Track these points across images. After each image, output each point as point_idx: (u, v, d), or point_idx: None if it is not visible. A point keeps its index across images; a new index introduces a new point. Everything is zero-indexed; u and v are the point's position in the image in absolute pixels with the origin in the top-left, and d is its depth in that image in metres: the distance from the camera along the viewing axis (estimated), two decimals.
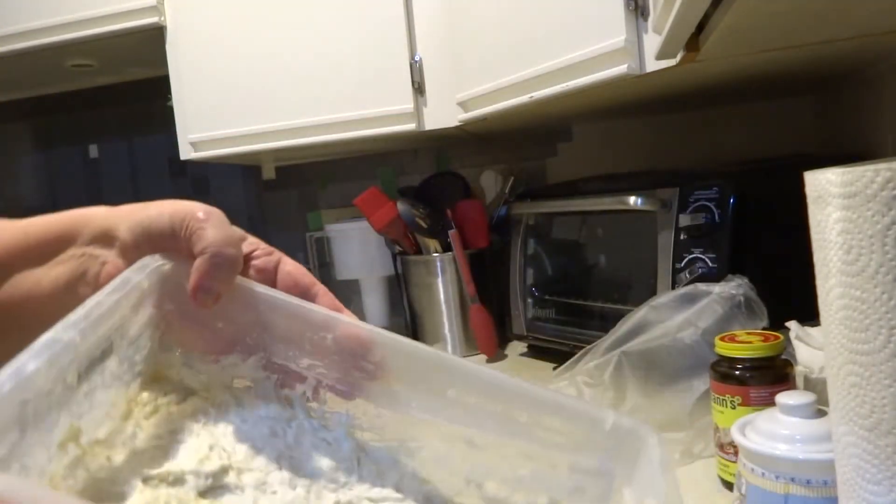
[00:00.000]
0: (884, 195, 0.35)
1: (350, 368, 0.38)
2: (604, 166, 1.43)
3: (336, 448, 0.38)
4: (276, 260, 0.40)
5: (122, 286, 0.34)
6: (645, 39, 0.87)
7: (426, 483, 0.39)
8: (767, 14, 0.62)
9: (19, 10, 1.42)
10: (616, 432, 0.36)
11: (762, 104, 1.42)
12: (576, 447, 0.37)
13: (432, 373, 0.39)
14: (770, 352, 0.67)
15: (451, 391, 0.38)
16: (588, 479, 0.37)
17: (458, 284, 1.34)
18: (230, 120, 1.37)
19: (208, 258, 0.36)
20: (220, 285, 0.37)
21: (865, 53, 0.90)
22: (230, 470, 0.34)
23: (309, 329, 0.38)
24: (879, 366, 0.36)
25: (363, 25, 1.29)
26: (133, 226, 0.38)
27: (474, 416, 0.38)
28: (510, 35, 1.09)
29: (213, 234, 0.37)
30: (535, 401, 0.38)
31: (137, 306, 0.35)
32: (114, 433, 0.33)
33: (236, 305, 0.37)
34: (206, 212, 0.38)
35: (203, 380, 0.39)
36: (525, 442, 0.38)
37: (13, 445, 0.26)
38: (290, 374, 0.39)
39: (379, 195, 1.35)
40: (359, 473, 0.37)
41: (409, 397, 0.39)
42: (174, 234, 0.37)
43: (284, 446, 0.37)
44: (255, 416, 0.38)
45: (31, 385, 0.26)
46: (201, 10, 1.37)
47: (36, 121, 1.97)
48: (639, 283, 1.04)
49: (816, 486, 0.51)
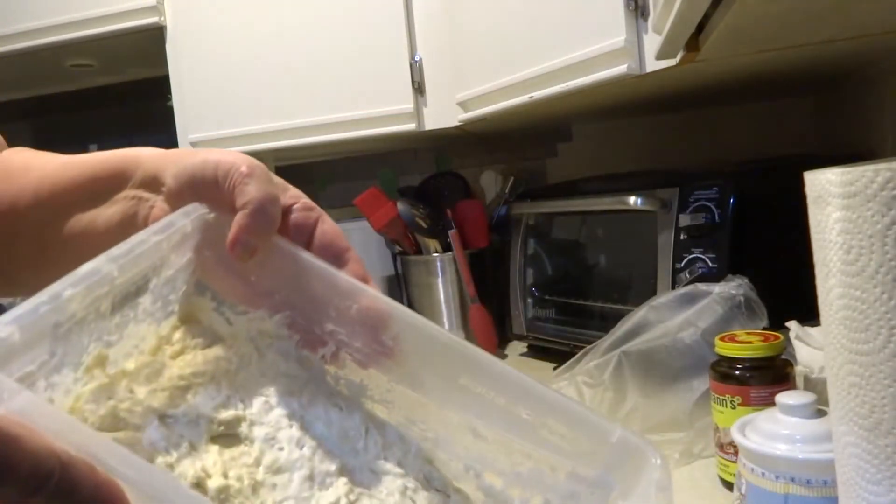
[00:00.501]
0: (884, 195, 0.35)
1: (369, 340, 0.38)
2: (604, 166, 1.43)
3: (347, 415, 0.38)
4: (315, 217, 0.40)
5: (165, 228, 0.35)
6: (645, 39, 0.88)
7: (428, 463, 0.39)
8: (767, 14, 0.62)
9: (19, 10, 1.42)
10: (621, 446, 0.36)
11: (762, 104, 1.42)
12: (577, 454, 0.37)
13: (447, 356, 0.39)
14: (770, 352, 0.67)
15: (462, 378, 0.38)
16: (584, 488, 0.37)
17: (458, 284, 1.34)
18: (230, 120, 1.37)
19: (248, 214, 0.37)
20: (258, 241, 0.37)
21: (865, 53, 0.90)
22: (243, 421, 0.35)
23: (336, 295, 0.38)
24: (879, 366, 0.36)
25: (363, 25, 1.29)
26: (179, 172, 0.39)
27: (481, 406, 0.38)
28: (510, 35, 1.09)
29: (255, 189, 0.37)
30: (543, 401, 0.38)
31: (178, 248, 0.36)
32: (141, 366, 0.34)
33: (271, 262, 0.38)
34: (250, 166, 0.38)
35: (231, 329, 0.39)
36: (528, 441, 0.38)
37: (42, 364, 0.28)
38: (313, 336, 0.39)
39: (379, 195, 1.35)
40: (365, 443, 0.38)
41: (422, 377, 0.39)
42: (218, 185, 0.38)
43: (298, 405, 0.37)
44: (274, 372, 0.38)
45: (66, 309, 0.28)
46: (201, 10, 1.37)
47: (36, 121, 1.97)
48: (639, 283, 1.04)
49: (816, 486, 0.51)
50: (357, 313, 0.38)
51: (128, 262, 0.32)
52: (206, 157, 0.39)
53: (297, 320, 0.39)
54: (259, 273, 0.39)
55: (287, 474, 0.34)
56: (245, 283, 0.39)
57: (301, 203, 0.40)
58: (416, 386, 0.39)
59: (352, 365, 0.39)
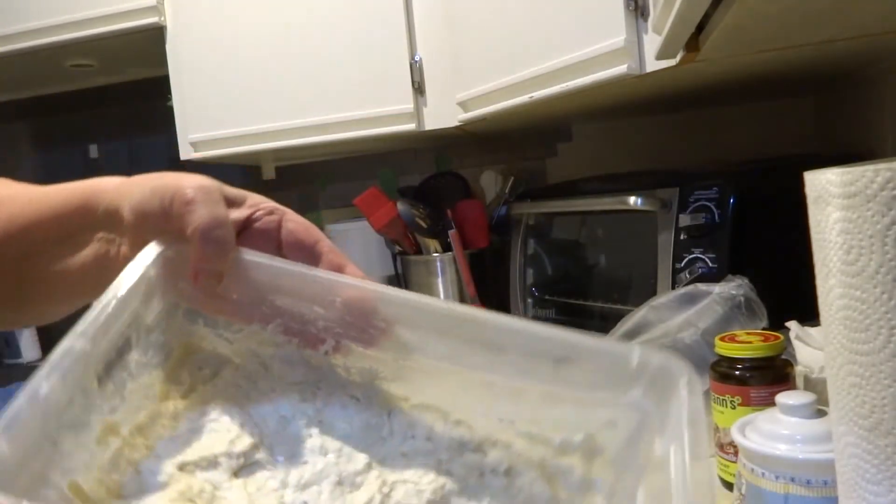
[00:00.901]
0: (884, 195, 0.35)
1: (362, 327, 0.38)
2: (604, 166, 1.43)
3: (366, 405, 0.38)
4: (277, 220, 0.40)
5: (128, 280, 0.34)
6: (645, 39, 0.87)
7: (457, 427, 0.38)
8: (767, 14, 0.62)
9: (19, 10, 1.42)
10: (643, 366, 0.35)
11: (762, 104, 1.42)
12: (604, 385, 0.36)
13: (444, 322, 0.38)
14: (770, 352, 0.67)
15: (469, 339, 0.38)
16: (621, 414, 0.36)
17: (458, 284, 1.34)
18: (230, 120, 1.37)
19: (198, 243, 0.36)
20: (217, 266, 0.37)
21: (865, 53, 0.90)
22: (261, 446, 0.35)
23: (317, 293, 0.38)
24: (879, 366, 0.36)
25: (363, 25, 1.29)
26: (133, 206, 0.38)
27: (492, 361, 0.38)
28: (510, 35, 1.09)
29: (198, 216, 0.36)
30: (554, 342, 0.37)
31: (150, 296, 0.36)
32: (153, 416, 0.34)
33: (245, 277, 0.38)
34: (195, 189, 0.37)
35: (233, 347, 0.39)
36: (551, 384, 0.38)
37: (48, 459, 0.28)
38: (310, 336, 0.39)
39: (379, 195, 1.35)
40: (390, 427, 0.37)
41: (427, 347, 0.39)
42: (166, 215, 0.37)
43: (314, 411, 0.37)
44: (284, 383, 0.38)
45: (48, 405, 0.28)
46: (201, 10, 1.37)
47: (36, 121, 1.97)
48: (639, 283, 1.04)
49: (816, 486, 0.51)
50: (342, 305, 0.37)
51: (98, 333, 0.31)
52: (154, 185, 0.38)
53: (291, 325, 0.39)
54: (239, 290, 0.38)
55: (316, 487, 0.34)
56: (230, 301, 0.39)
57: (262, 209, 0.40)
58: (425, 355, 0.39)
59: (357, 351, 0.39)
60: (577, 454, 0.38)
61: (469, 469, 0.36)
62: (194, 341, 0.39)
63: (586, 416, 0.38)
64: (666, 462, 0.32)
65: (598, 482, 0.37)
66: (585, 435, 0.37)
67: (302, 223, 0.40)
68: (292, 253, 0.39)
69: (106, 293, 0.33)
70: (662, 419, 0.34)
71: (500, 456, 0.37)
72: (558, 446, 0.38)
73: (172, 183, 0.37)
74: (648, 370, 0.35)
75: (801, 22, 0.66)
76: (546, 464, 0.38)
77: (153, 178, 0.39)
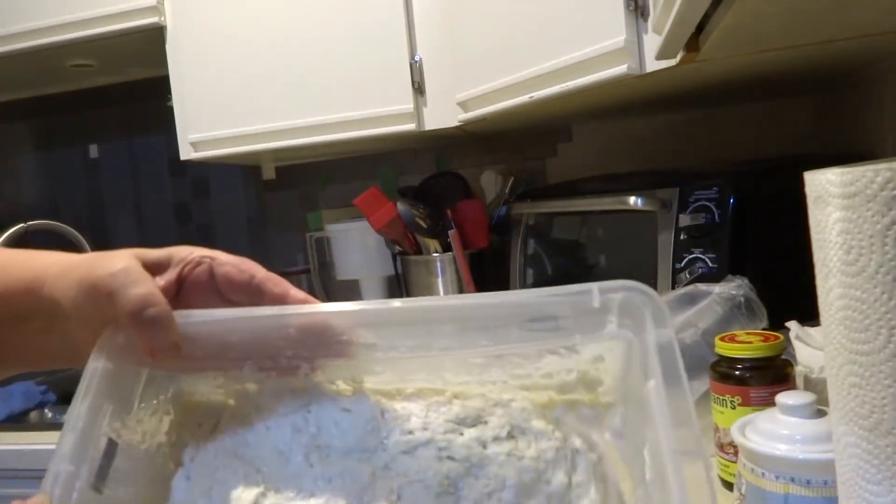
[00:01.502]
0: (884, 195, 0.35)
1: (326, 345, 0.38)
2: (604, 166, 1.43)
3: (357, 413, 0.38)
4: (207, 268, 0.40)
5: (88, 386, 0.35)
6: (645, 39, 0.87)
7: (453, 403, 0.39)
8: (767, 14, 0.62)
9: (19, 10, 1.42)
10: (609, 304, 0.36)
11: (762, 104, 1.42)
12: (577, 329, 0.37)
13: (400, 316, 0.39)
14: (770, 352, 0.67)
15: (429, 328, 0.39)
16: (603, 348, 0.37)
17: (458, 284, 1.34)
18: (230, 120, 1.37)
19: (136, 328, 0.36)
20: (165, 339, 0.37)
21: (865, 53, 0.90)
22: (267, 494, 0.36)
23: (269, 330, 0.38)
24: (879, 366, 0.36)
25: (363, 25, 1.29)
26: (70, 303, 0.38)
27: (463, 339, 0.39)
28: (510, 35, 1.09)
29: (126, 301, 0.36)
30: (518, 306, 0.38)
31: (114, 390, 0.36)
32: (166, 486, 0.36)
33: (196, 339, 0.38)
34: (113, 275, 0.37)
35: (224, 392, 0.40)
36: (525, 344, 0.38)
37: None
38: (284, 367, 0.39)
39: (379, 195, 1.35)
40: (386, 429, 0.37)
41: (394, 343, 0.39)
42: (98, 310, 0.37)
43: (309, 438, 0.37)
44: (276, 418, 0.38)
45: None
46: (201, 10, 1.37)
47: (36, 121, 1.97)
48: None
49: (816, 486, 0.51)
50: (297, 332, 0.38)
51: (78, 450, 0.33)
52: (80, 281, 0.38)
53: (263, 362, 0.39)
54: (200, 347, 0.38)
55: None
56: (198, 359, 0.39)
57: (189, 262, 0.40)
58: (398, 352, 0.39)
59: (335, 364, 0.39)
60: (579, 390, 0.38)
61: (470, 448, 0.37)
62: (186, 400, 0.40)
63: (572, 358, 0.38)
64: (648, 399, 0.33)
65: (610, 406, 0.38)
66: (578, 372, 0.38)
67: (233, 262, 0.40)
68: (233, 295, 0.39)
69: (71, 407, 0.34)
70: (643, 351, 0.35)
71: (502, 420, 0.38)
72: (557, 387, 0.38)
73: (93, 275, 0.37)
74: (615, 304, 0.36)
75: (801, 22, 0.66)
76: (553, 404, 0.38)
77: (77, 268, 0.38)
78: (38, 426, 1.41)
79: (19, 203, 1.99)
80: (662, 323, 0.34)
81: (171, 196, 1.89)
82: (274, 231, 1.83)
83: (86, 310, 0.37)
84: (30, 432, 1.23)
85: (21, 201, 1.99)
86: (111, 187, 1.92)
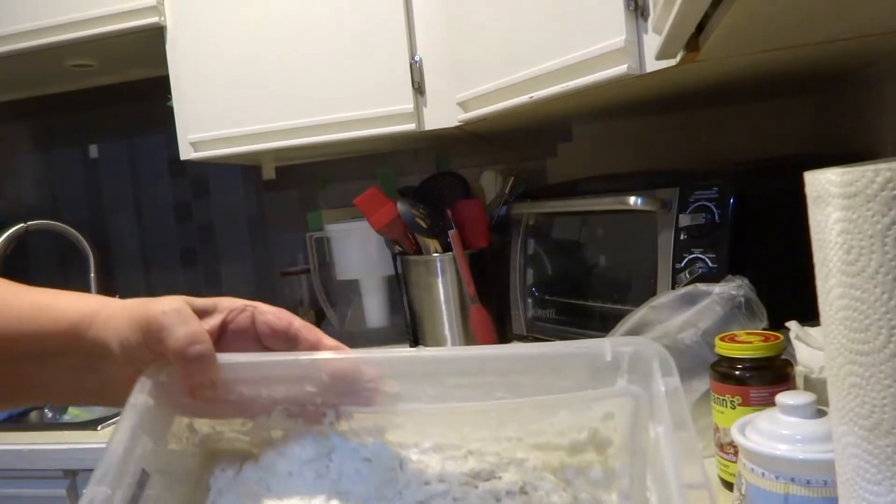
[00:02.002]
0: (884, 195, 0.35)
1: (355, 391, 0.41)
2: (604, 166, 1.43)
3: (377, 463, 0.40)
4: (249, 316, 0.43)
5: (129, 418, 0.38)
6: (645, 39, 0.87)
7: (469, 459, 0.40)
8: (767, 14, 0.62)
9: (19, 10, 1.42)
10: (620, 358, 0.38)
11: (762, 104, 1.42)
12: (588, 384, 0.39)
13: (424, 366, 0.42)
14: (770, 352, 0.67)
15: (449, 379, 0.40)
16: (613, 404, 0.39)
17: (458, 284, 1.34)
18: (230, 120, 1.37)
19: (181, 362, 0.39)
20: (206, 377, 0.40)
21: (865, 53, 0.90)
22: None
23: (303, 375, 0.41)
24: (879, 366, 0.36)
25: (363, 25, 1.29)
26: (119, 345, 0.41)
27: (479, 390, 0.40)
28: (510, 35, 1.09)
29: (175, 338, 0.39)
30: (530, 358, 0.40)
31: (152, 423, 0.39)
32: None
33: (233, 381, 0.41)
34: (166, 313, 0.40)
35: (249, 440, 0.42)
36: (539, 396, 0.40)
37: None
38: (311, 413, 0.42)
39: (379, 195, 1.35)
40: (405, 478, 0.39)
41: (416, 393, 0.41)
42: (147, 345, 0.40)
43: (330, 484, 0.39)
44: (299, 463, 0.40)
45: None
46: (201, 10, 1.37)
47: (36, 121, 1.97)
48: (639, 283, 1.04)
49: (816, 486, 0.51)
50: (329, 378, 0.41)
51: (115, 476, 0.35)
52: (131, 318, 0.41)
53: (290, 408, 0.41)
54: (233, 391, 0.41)
55: None
56: (230, 403, 0.42)
57: (234, 310, 0.43)
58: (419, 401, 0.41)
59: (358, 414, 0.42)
60: (589, 450, 0.40)
61: (484, 500, 0.38)
62: (212, 444, 0.42)
63: (584, 414, 0.40)
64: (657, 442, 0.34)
65: (619, 469, 0.39)
66: (589, 430, 0.40)
67: (273, 311, 0.43)
68: (271, 341, 0.42)
69: (113, 434, 0.37)
70: (650, 402, 0.37)
71: (515, 476, 0.39)
72: (569, 448, 0.40)
73: (145, 313, 0.40)
74: (625, 359, 0.38)
75: (801, 22, 0.66)
76: (564, 466, 0.40)
77: (129, 309, 0.41)
78: (38, 426, 1.42)
79: (19, 203, 1.99)
80: (669, 372, 0.36)
81: (171, 196, 1.89)
82: (274, 231, 1.83)
83: (134, 347, 0.40)
84: (30, 432, 1.23)
85: (21, 201, 1.99)
86: (111, 187, 1.92)
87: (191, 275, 1.89)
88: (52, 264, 1.96)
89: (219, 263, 1.87)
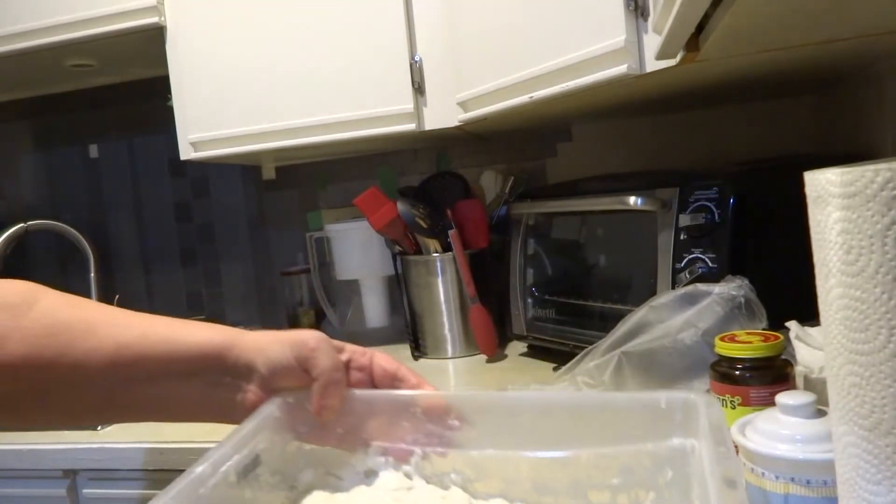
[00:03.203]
0: (884, 195, 0.35)
1: (441, 429, 0.49)
2: (604, 166, 1.43)
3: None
4: (369, 358, 0.53)
5: (258, 415, 0.47)
6: (645, 39, 0.87)
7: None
8: (767, 14, 0.62)
9: (19, 10, 1.42)
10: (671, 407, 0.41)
11: (762, 104, 1.42)
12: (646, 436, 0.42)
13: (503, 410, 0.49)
14: (770, 352, 0.67)
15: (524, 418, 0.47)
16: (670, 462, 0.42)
17: (458, 284, 1.34)
18: (230, 120, 1.37)
19: (322, 384, 0.48)
20: (334, 402, 0.49)
21: (865, 53, 0.90)
22: None
23: (402, 408, 0.50)
24: (879, 366, 0.36)
25: (363, 26, 1.29)
26: (267, 363, 0.49)
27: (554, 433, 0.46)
28: (510, 35, 1.09)
29: (322, 361, 0.49)
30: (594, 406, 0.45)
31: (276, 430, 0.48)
32: None
33: (347, 410, 0.50)
34: (316, 340, 0.50)
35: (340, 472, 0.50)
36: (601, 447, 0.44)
37: None
38: (401, 451, 0.50)
39: (379, 195, 1.35)
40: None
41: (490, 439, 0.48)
42: (297, 364, 0.49)
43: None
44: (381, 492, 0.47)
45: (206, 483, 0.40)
46: (201, 10, 1.37)
47: (36, 121, 1.97)
48: (639, 283, 1.04)
49: (816, 486, 0.51)
50: (423, 412, 0.49)
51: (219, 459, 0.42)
52: (287, 341, 0.50)
53: (384, 445, 0.50)
54: (343, 423, 0.50)
55: None
56: (337, 435, 0.51)
57: (357, 352, 0.53)
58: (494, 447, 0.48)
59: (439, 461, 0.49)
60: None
61: None
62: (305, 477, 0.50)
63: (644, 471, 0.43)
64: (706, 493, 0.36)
65: None
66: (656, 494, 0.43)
67: (386, 357, 0.53)
68: (382, 381, 0.52)
69: (238, 429, 0.44)
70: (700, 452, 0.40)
71: None
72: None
73: (297, 337, 0.50)
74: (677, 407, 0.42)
75: (801, 22, 0.66)
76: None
77: (276, 334, 0.50)
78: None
79: (19, 203, 1.99)
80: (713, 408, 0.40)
81: (171, 196, 1.89)
82: (274, 231, 1.83)
83: (282, 366, 0.49)
84: (30, 432, 1.23)
85: (21, 201, 1.99)
86: (111, 187, 1.92)
87: (191, 275, 1.89)
88: (52, 264, 1.96)
89: (219, 263, 1.87)
